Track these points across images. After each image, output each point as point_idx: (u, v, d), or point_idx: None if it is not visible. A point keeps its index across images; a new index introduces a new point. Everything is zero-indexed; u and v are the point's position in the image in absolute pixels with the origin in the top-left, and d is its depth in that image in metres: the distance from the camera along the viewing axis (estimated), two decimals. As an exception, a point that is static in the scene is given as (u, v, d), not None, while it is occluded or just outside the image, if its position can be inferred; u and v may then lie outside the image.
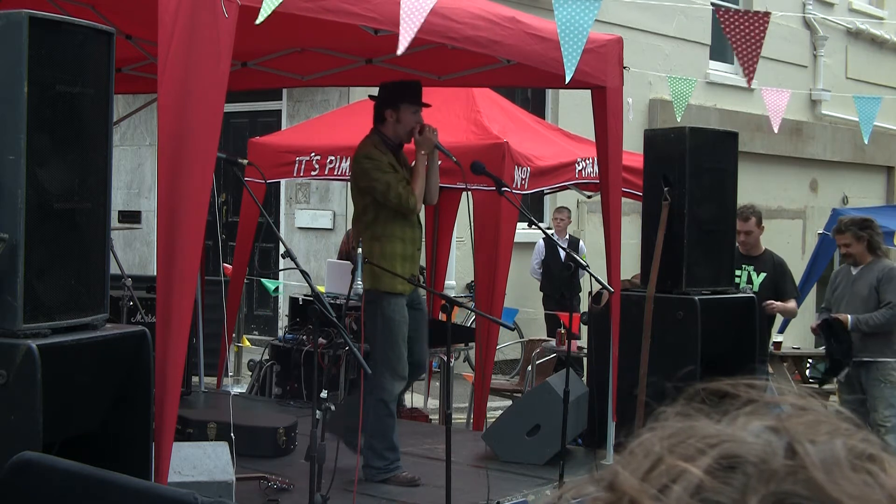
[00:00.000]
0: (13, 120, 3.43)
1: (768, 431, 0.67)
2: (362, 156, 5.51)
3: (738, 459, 0.65)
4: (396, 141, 5.59)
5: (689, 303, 6.28)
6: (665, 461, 0.66)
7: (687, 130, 6.52)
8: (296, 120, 11.21)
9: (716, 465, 0.65)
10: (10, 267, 3.43)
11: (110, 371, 3.80)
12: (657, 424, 0.70)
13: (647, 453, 0.68)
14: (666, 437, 0.68)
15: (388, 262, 5.40)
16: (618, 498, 0.67)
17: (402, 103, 5.54)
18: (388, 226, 5.47)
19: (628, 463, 0.68)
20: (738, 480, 0.64)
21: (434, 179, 5.69)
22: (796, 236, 15.83)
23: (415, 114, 5.55)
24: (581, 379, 6.96)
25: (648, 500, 0.65)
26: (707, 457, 0.65)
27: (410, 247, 5.52)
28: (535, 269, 11.69)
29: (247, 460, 5.47)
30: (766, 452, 0.65)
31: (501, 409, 7.62)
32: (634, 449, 0.69)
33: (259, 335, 11.29)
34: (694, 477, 0.64)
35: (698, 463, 0.65)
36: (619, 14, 12.42)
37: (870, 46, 17.49)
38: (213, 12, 3.96)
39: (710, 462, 0.65)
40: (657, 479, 0.66)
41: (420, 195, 5.47)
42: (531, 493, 5.46)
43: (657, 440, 0.68)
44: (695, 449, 0.66)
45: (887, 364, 7.10)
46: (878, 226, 7.39)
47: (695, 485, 0.64)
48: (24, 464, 2.96)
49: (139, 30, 6.16)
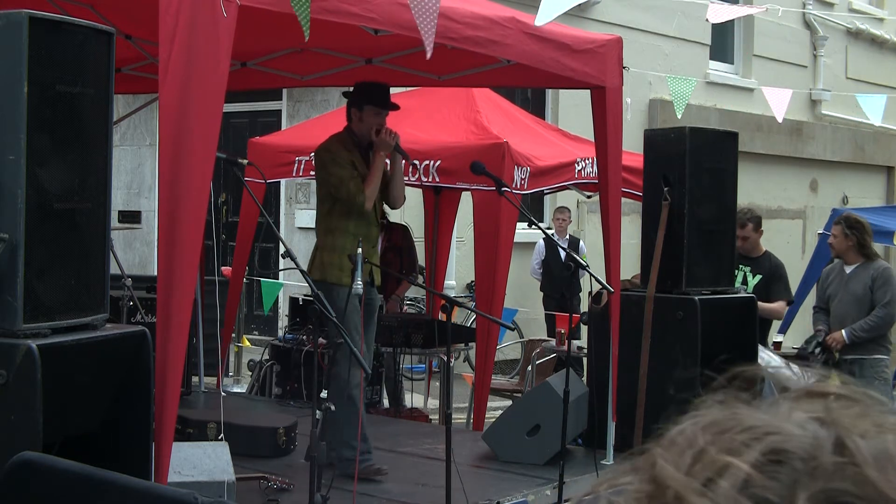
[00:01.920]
0: (13, 120, 3.43)
1: (814, 423, 0.65)
2: (322, 149, 5.72)
3: (785, 454, 0.63)
4: (364, 141, 5.71)
5: (689, 303, 6.28)
6: (709, 453, 0.64)
7: (687, 130, 6.52)
8: (296, 120, 11.21)
9: (762, 460, 0.63)
10: (10, 267, 3.43)
11: (110, 371, 3.80)
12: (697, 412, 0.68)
13: (688, 444, 0.66)
14: (707, 426, 0.66)
15: (338, 254, 5.57)
16: (660, 491, 0.65)
17: (366, 105, 5.71)
18: (342, 220, 5.64)
19: (668, 454, 0.66)
20: (785, 476, 0.62)
21: (397, 183, 5.79)
22: (796, 236, 15.83)
23: (377, 115, 5.68)
24: (581, 379, 6.95)
25: (694, 495, 0.63)
26: (753, 450, 0.63)
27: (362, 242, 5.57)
28: (535, 270, 11.68)
29: (247, 460, 5.47)
30: (813, 447, 0.63)
31: (501, 409, 7.62)
32: (675, 439, 0.67)
33: (259, 335, 11.29)
34: (741, 471, 0.62)
35: (744, 457, 0.63)
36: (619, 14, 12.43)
37: (870, 46, 17.49)
38: (212, 12, 3.97)
39: (756, 456, 0.63)
40: (701, 472, 0.64)
41: (370, 195, 5.59)
42: (531, 493, 5.46)
43: (699, 430, 0.66)
44: (739, 442, 0.64)
45: (880, 361, 7.16)
46: (871, 230, 7.41)
47: (742, 480, 0.62)
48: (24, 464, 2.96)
49: (139, 30, 6.16)
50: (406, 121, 7.85)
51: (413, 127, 7.86)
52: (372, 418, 7.04)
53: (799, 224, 16.01)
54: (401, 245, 8.39)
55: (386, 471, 5.56)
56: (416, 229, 9.24)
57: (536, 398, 6.19)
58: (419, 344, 7.47)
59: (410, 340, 7.46)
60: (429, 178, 7.48)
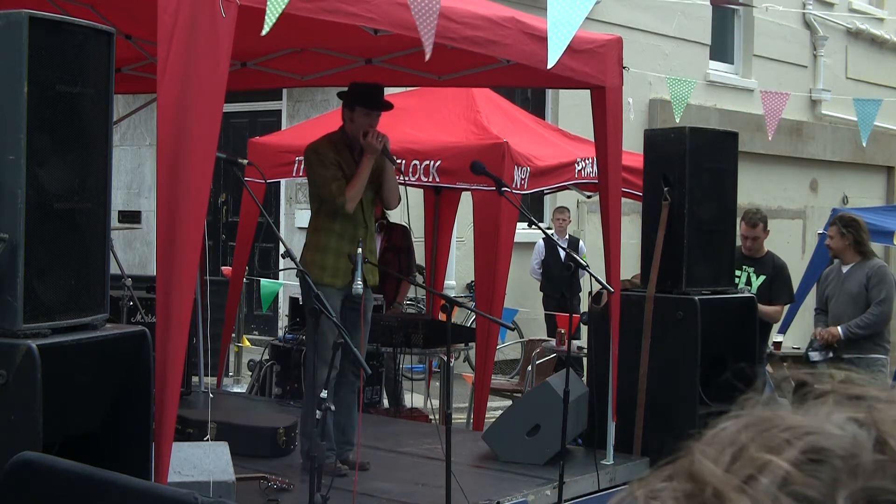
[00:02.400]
0: (13, 120, 3.43)
1: (853, 423, 0.65)
2: (311, 149, 5.75)
3: (825, 452, 0.63)
4: (356, 141, 5.71)
5: (689, 303, 6.28)
6: (748, 451, 0.64)
7: (687, 130, 6.52)
8: (296, 120, 11.21)
9: (802, 458, 0.63)
10: (10, 267, 3.43)
11: (110, 371, 3.80)
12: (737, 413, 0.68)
13: (729, 442, 0.66)
14: (748, 426, 0.66)
15: (320, 254, 5.57)
16: (699, 489, 0.64)
17: (357, 106, 5.70)
18: (328, 220, 5.65)
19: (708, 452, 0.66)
20: (826, 474, 0.62)
21: (389, 184, 5.76)
22: (796, 236, 15.83)
23: (367, 116, 5.66)
24: (581, 379, 6.96)
25: (733, 491, 0.63)
26: (793, 448, 0.63)
27: (347, 244, 5.59)
28: (534, 270, 11.68)
29: (247, 460, 5.47)
30: (853, 446, 0.63)
31: (501, 409, 7.62)
32: (715, 437, 0.67)
33: (259, 335, 11.29)
34: (780, 469, 0.62)
35: (784, 455, 0.63)
36: (619, 14, 12.42)
37: (870, 46, 17.49)
38: (212, 12, 3.97)
39: (796, 454, 0.63)
40: (741, 469, 0.64)
41: (352, 197, 5.57)
42: (531, 493, 5.46)
43: (739, 429, 0.66)
44: (780, 440, 0.64)
45: (877, 360, 7.18)
46: (866, 227, 7.43)
47: (782, 477, 0.62)
48: (24, 464, 2.96)
49: (139, 30, 6.17)
50: (406, 121, 7.85)
51: (413, 127, 7.86)
52: (372, 418, 7.04)
53: (799, 224, 16.02)
54: (400, 245, 8.38)
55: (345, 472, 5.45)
56: (416, 229, 9.24)
57: (536, 398, 6.19)
58: (419, 344, 7.47)
59: (410, 340, 7.46)
60: (429, 178, 7.48)
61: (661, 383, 6.22)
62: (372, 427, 6.50)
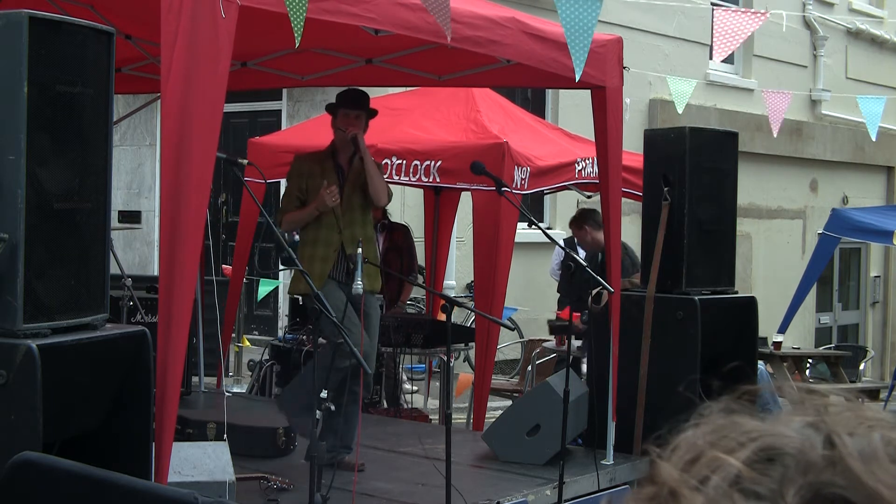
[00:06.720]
0: (13, 120, 3.43)
1: (808, 427, 0.68)
2: (293, 160, 5.96)
3: (777, 451, 0.66)
4: (344, 150, 5.79)
5: (689, 303, 6.28)
6: (706, 454, 0.68)
7: (687, 130, 6.52)
8: (296, 120, 11.21)
9: (755, 457, 0.66)
10: (10, 267, 3.42)
11: (110, 371, 3.80)
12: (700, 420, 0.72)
13: (689, 448, 0.70)
14: (708, 432, 0.70)
15: (307, 264, 5.62)
16: (659, 489, 0.68)
17: (339, 108, 5.80)
18: (310, 230, 5.79)
19: (668, 456, 0.70)
20: (776, 472, 0.65)
21: (374, 180, 5.79)
22: (796, 236, 15.82)
23: (345, 117, 5.74)
24: (581, 379, 6.95)
25: (687, 490, 0.67)
26: (746, 449, 0.67)
27: (323, 248, 5.74)
28: (554, 271, 11.69)
29: (247, 460, 5.47)
30: (804, 445, 0.66)
31: (501, 409, 7.62)
32: (678, 444, 0.71)
33: (259, 335, 11.29)
34: (732, 468, 0.66)
35: (737, 455, 0.67)
36: (619, 14, 12.42)
37: (870, 46, 17.48)
38: (212, 13, 3.97)
39: (749, 454, 0.67)
40: (698, 470, 0.67)
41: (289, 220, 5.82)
42: (531, 493, 5.46)
43: (700, 435, 0.70)
44: (735, 443, 0.68)
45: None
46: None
47: (733, 475, 0.66)
48: (24, 464, 2.96)
49: (139, 30, 6.17)
50: (406, 121, 7.86)
51: (413, 127, 7.86)
52: (372, 418, 7.05)
53: (799, 224, 16.01)
54: (401, 245, 8.38)
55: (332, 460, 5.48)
56: (415, 229, 9.24)
57: (536, 398, 6.19)
58: (419, 344, 7.47)
59: (410, 340, 7.46)
60: (429, 178, 7.48)
61: (661, 383, 6.22)
62: (372, 427, 6.50)
